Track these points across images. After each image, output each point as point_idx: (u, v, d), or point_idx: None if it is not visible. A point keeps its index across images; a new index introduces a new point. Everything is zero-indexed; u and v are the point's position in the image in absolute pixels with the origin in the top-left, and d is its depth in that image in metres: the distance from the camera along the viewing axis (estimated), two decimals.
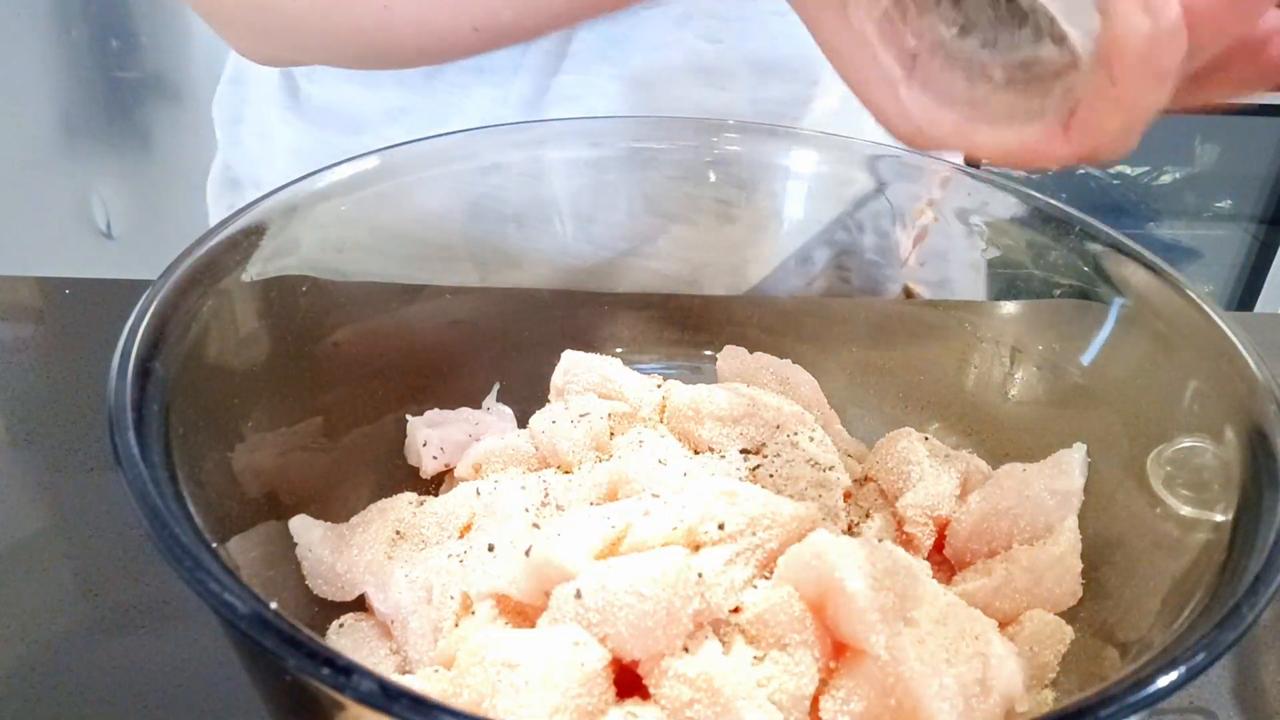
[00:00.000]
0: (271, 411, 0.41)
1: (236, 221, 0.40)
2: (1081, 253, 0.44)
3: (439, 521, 0.40)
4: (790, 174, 0.53)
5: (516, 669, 0.30)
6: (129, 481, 0.28)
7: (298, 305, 0.43)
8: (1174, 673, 0.26)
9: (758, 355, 0.49)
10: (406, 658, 0.36)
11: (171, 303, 0.35)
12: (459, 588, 0.36)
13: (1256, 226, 1.89)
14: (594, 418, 0.44)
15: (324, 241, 0.44)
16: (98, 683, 0.39)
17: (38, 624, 0.41)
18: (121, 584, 0.43)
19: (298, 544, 0.38)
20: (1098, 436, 0.41)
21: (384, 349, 0.48)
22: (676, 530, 0.34)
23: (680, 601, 0.31)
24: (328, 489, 0.42)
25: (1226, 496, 0.34)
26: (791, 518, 0.35)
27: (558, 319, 0.54)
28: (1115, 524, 0.39)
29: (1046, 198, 0.46)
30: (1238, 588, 0.29)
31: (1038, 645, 0.35)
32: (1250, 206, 1.89)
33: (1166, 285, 0.41)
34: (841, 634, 0.32)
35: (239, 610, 0.25)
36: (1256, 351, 0.36)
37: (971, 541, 0.40)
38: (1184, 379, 0.39)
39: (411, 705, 0.23)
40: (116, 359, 0.32)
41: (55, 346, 0.57)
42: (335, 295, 0.46)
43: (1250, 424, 0.34)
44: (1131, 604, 0.36)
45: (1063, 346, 0.46)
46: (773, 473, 0.41)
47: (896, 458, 0.43)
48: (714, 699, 0.30)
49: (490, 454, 0.44)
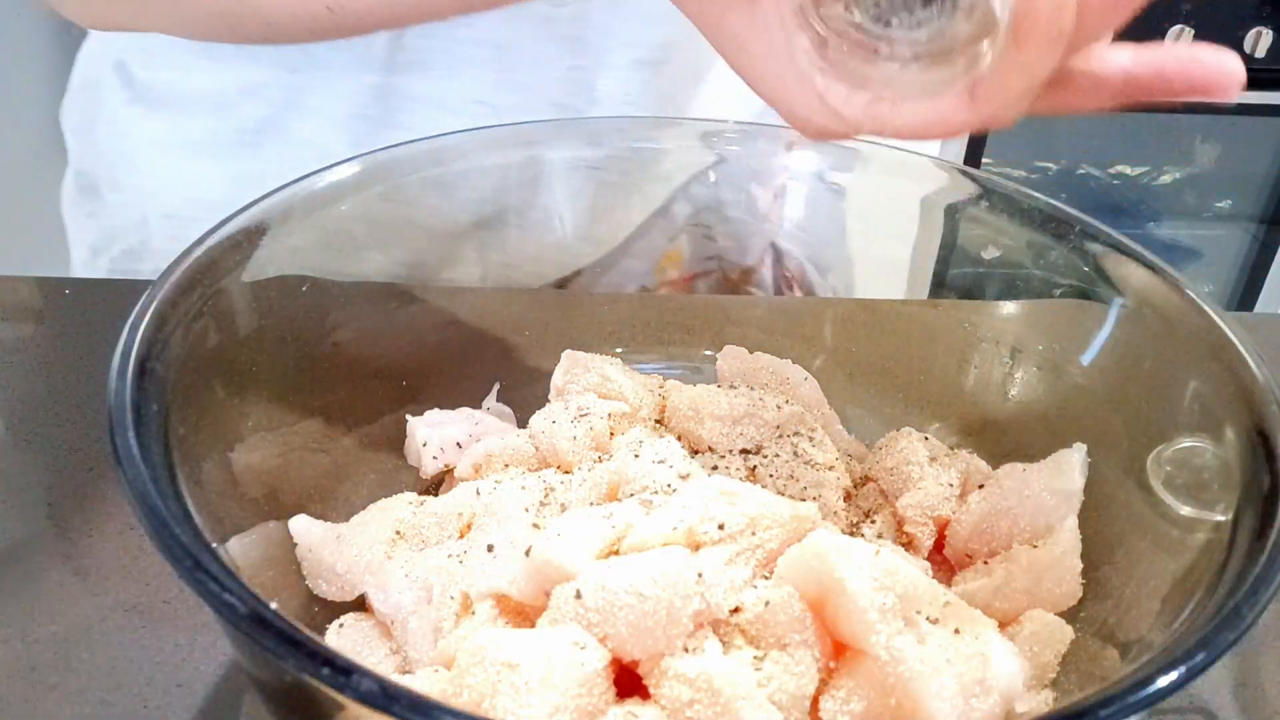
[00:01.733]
0: (271, 411, 0.41)
1: (236, 221, 0.40)
2: (1081, 253, 0.44)
3: (439, 521, 0.40)
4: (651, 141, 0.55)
5: (516, 669, 0.30)
6: (129, 481, 0.28)
7: (298, 305, 0.43)
8: (1174, 673, 0.26)
9: (758, 355, 0.49)
10: (406, 658, 0.36)
11: (171, 303, 0.35)
12: (459, 588, 0.36)
13: (1256, 226, 1.89)
14: (594, 418, 0.44)
15: (324, 241, 0.44)
16: (98, 682, 0.39)
17: (38, 624, 0.41)
18: (121, 584, 0.43)
19: (298, 544, 0.38)
20: (1098, 436, 0.41)
21: (384, 349, 0.48)
22: (676, 530, 0.34)
23: (680, 601, 0.31)
24: (328, 489, 0.42)
25: (1226, 496, 0.34)
26: (791, 518, 0.35)
27: (558, 319, 0.54)
28: (1115, 524, 0.39)
29: (1046, 198, 0.46)
30: (1238, 588, 0.29)
31: (1038, 645, 0.35)
32: (1250, 206, 1.88)
33: (1166, 285, 0.41)
34: (841, 634, 0.32)
35: (239, 610, 0.25)
36: (1256, 351, 0.36)
37: (971, 541, 0.40)
38: (1184, 379, 0.39)
39: (411, 705, 0.23)
40: (116, 359, 0.32)
41: (55, 346, 0.57)
42: (335, 295, 0.46)
43: (1250, 424, 0.34)
44: (1131, 604, 0.36)
45: (1063, 346, 0.46)
46: (773, 473, 0.41)
47: (896, 458, 0.43)
48: (714, 699, 0.30)
49: (490, 454, 0.44)
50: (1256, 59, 1.63)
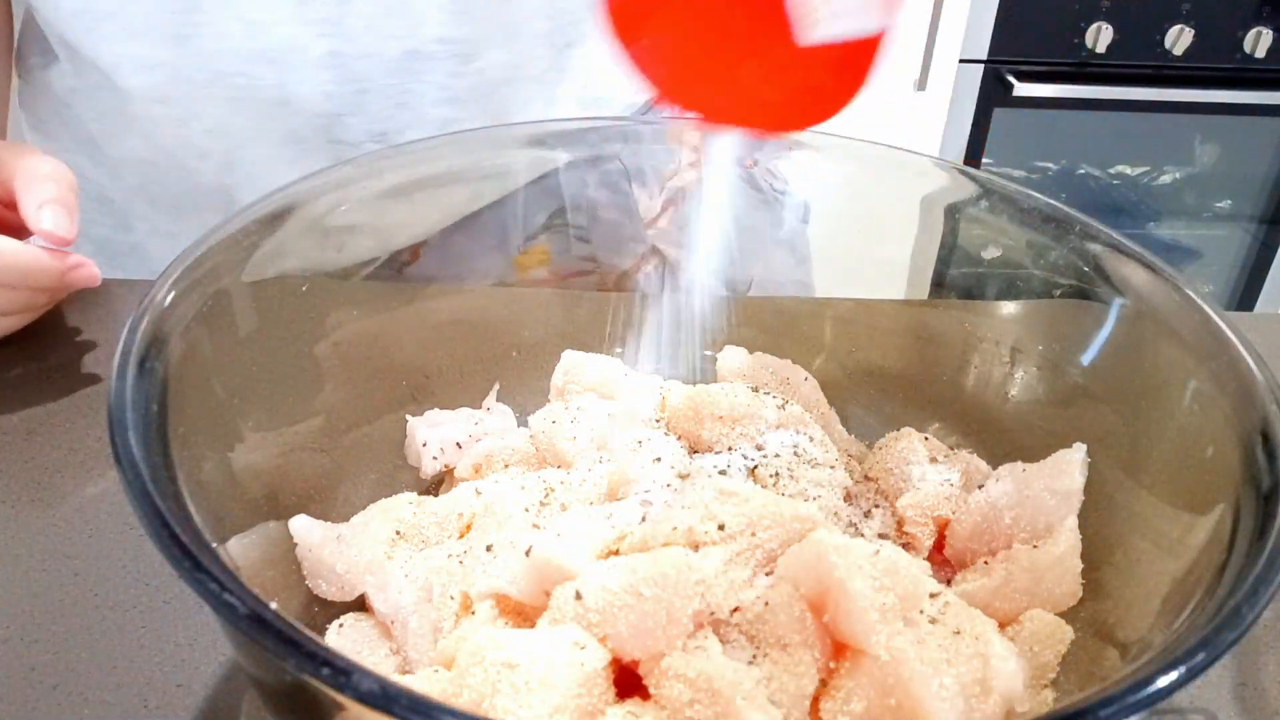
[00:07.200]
0: (271, 411, 0.41)
1: (236, 221, 0.40)
2: (1081, 253, 0.44)
3: (439, 521, 0.40)
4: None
5: (516, 669, 0.30)
6: (129, 481, 0.28)
7: (298, 305, 0.43)
8: (1174, 673, 0.26)
9: (758, 355, 0.49)
10: (406, 658, 0.36)
11: (171, 303, 0.35)
12: (459, 588, 0.36)
13: (1256, 226, 1.89)
14: (594, 418, 0.44)
15: (324, 241, 0.44)
16: (98, 683, 0.39)
17: (38, 624, 0.41)
18: (121, 584, 0.43)
19: (298, 544, 0.38)
20: (1098, 436, 0.41)
21: (384, 349, 0.48)
22: (676, 530, 0.34)
23: (680, 601, 0.31)
24: (328, 489, 0.42)
25: (1226, 496, 0.33)
26: (791, 518, 0.35)
27: (558, 319, 0.54)
28: (1115, 524, 0.39)
29: (1046, 198, 0.46)
30: (1238, 588, 0.29)
31: (1038, 645, 0.35)
32: (1250, 206, 1.89)
33: (1166, 285, 0.41)
34: (841, 634, 0.32)
35: (239, 610, 0.25)
36: (1256, 351, 0.36)
37: (971, 541, 0.40)
38: (1184, 379, 0.39)
39: (411, 705, 0.23)
40: (116, 359, 0.32)
41: (55, 346, 0.57)
42: (335, 295, 0.46)
43: (1250, 424, 0.34)
44: (1131, 604, 0.36)
45: (1063, 346, 0.46)
46: (773, 473, 0.41)
47: (896, 458, 0.43)
48: (714, 699, 0.30)
49: (490, 454, 0.44)
50: (1256, 59, 1.63)
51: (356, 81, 0.61)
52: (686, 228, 0.56)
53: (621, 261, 0.65)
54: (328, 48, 0.60)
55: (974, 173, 0.49)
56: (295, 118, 0.62)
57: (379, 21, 0.60)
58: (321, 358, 0.44)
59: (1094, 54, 1.64)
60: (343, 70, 0.61)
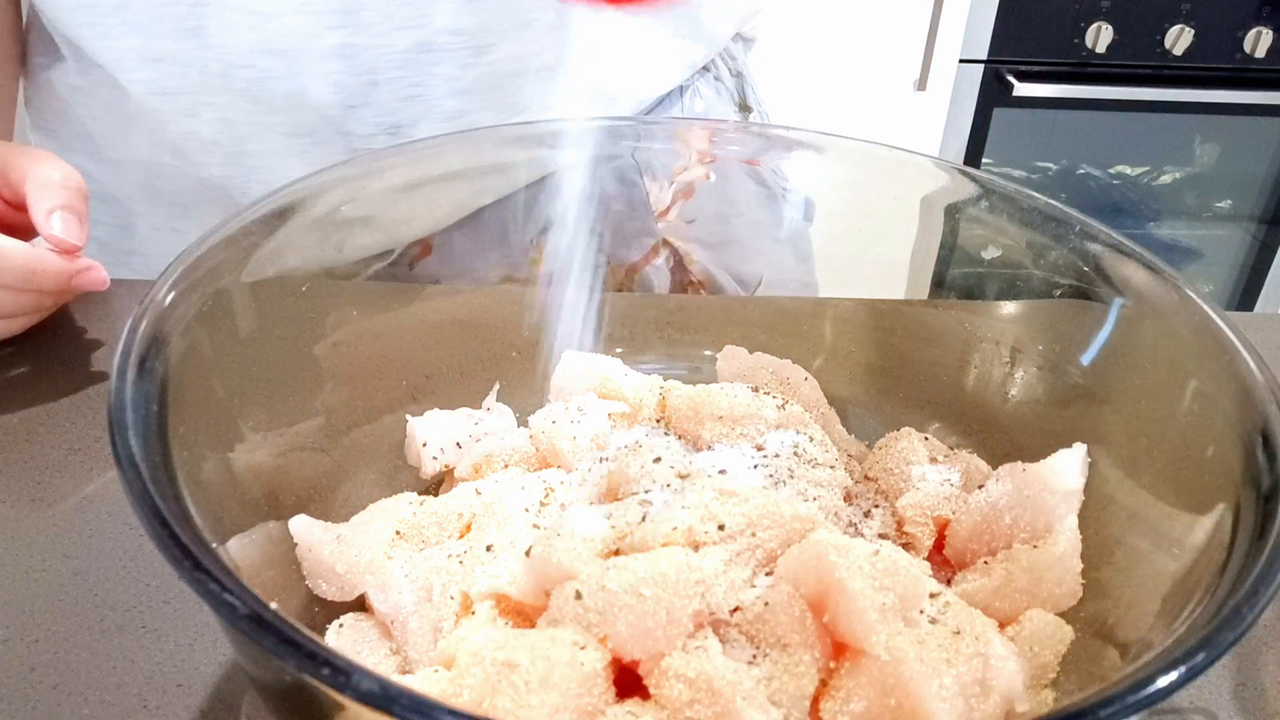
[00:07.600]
0: (271, 411, 0.41)
1: (237, 221, 0.40)
2: (1081, 253, 0.44)
3: (439, 521, 0.40)
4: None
5: (516, 669, 0.30)
6: (129, 481, 0.28)
7: (298, 305, 0.43)
8: (1174, 673, 0.26)
9: (758, 355, 0.49)
10: (406, 658, 0.36)
11: (172, 302, 0.35)
12: (459, 588, 0.36)
13: (1256, 226, 1.89)
14: (594, 418, 0.44)
15: (324, 241, 0.44)
16: (98, 683, 0.39)
17: (38, 624, 0.41)
18: (121, 584, 0.43)
19: (298, 544, 0.38)
20: (1098, 436, 0.41)
21: (384, 349, 0.48)
22: (676, 530, 0.34)
23: (680, 601, 0.31)
24: (328, 489, 0.42)
25: (1226, 496, 0.33)
26: (791, 518, 0.35)
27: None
28: (1115, 524, 0.39)
29: (1046, 198, 0.46)
30: (1238, 588, 0.29)
31: (1038, 645, 0.35)
32: (1250, 206, 1.89)
33: (1166, 285, 0.41)
34: (841, 634, 0.32)
35: (239, 610, 0.25)
36: (1256, 351, 0.36)
37: (971, 541, 0.40)
38: (1184, 379, 0.39)
39: (411, 705, 0.23)
40: (116, 359, 0.32)
41: (55, 346, 0.57)
42: (335, 295, 0.46)
43: (1250, 424, 0.34)
44: (1131, 604, 0.36)
45: (1063, 346, 0.46)
46: (772, 473, 0.41)
47: (896, 458, 0.43)
48: (714, 699, 0.30)
49: (490, 454, 0.44)
50: (1256, 59, 1.63)
51: (367, 73, 0.61)
52: (697, 221, 0.56)
53: (630, 254, 0.66)
54: (338, 39, 0.60)
55: (974, 173, 0.49)
56: (305, 110, 0.62)
57: (389, 12, 0.60)
58: (321, 358, 0.44)
59: (1094, 54, 1.64)
60: (353, 62, 0.61)
